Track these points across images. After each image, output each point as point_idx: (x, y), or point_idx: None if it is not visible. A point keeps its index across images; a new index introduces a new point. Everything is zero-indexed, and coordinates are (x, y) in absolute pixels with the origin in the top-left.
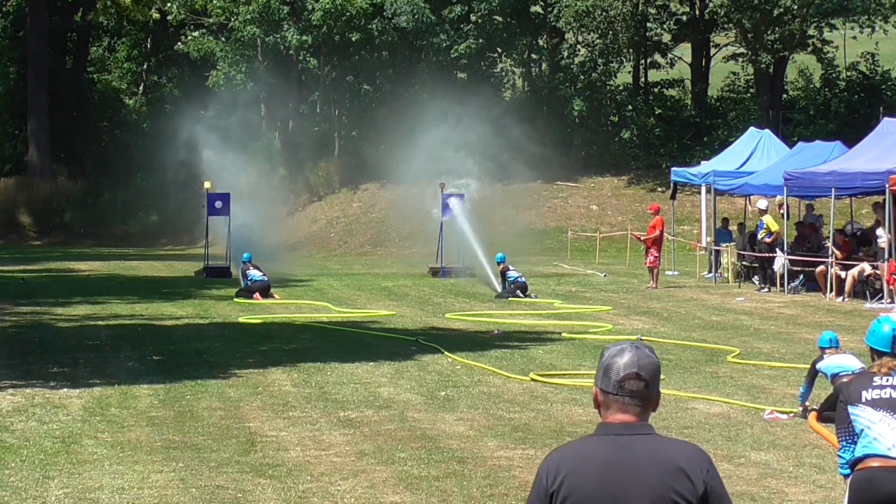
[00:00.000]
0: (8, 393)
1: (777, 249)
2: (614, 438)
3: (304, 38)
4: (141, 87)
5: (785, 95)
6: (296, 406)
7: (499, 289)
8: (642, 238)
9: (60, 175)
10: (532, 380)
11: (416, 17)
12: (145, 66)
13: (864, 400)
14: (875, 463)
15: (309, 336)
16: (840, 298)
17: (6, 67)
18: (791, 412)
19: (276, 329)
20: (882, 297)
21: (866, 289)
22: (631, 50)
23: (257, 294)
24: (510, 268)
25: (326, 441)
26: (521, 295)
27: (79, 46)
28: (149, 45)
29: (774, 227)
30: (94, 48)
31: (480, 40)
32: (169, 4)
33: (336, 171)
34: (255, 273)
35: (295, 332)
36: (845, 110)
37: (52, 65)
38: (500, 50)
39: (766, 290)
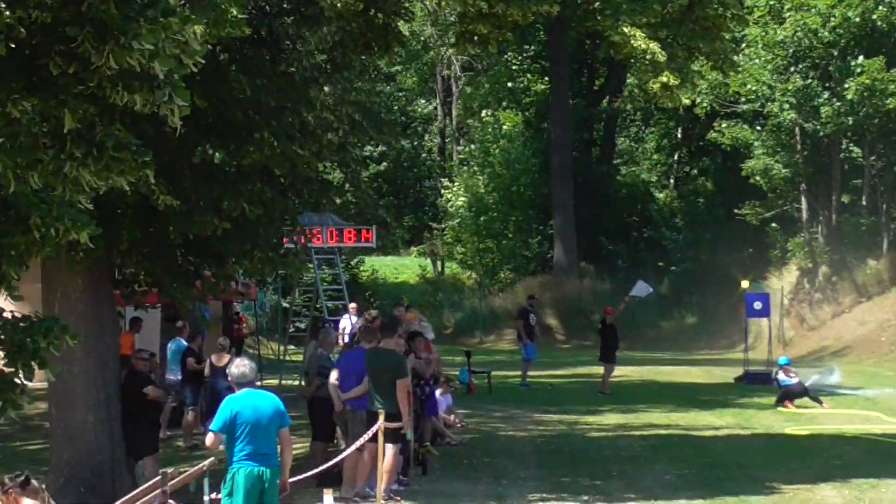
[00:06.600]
0: None
1: None
2: None
3: (841, 120)
4: (672, 180)
5: None
6: None
7: None
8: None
9: (587, 274)
10: None
11: None
12: (676, 157)
13: None
14: None
15: (860, 449)
16: None
17: (530, 160)
18: None
19: (825, 441)
20: None
21: None
22: None
23: (787, 402)
24: None
25: None
26: None
27: (605, 137)
28: (679, 135)
29: None
30: (622, 139)
31: None
32: (699, 95)
33: (886, 269)
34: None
35: (845, 445)
36: None
37: (577, 156)
38: None
39: None
